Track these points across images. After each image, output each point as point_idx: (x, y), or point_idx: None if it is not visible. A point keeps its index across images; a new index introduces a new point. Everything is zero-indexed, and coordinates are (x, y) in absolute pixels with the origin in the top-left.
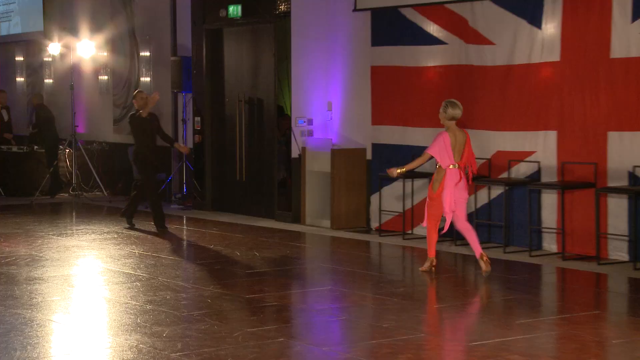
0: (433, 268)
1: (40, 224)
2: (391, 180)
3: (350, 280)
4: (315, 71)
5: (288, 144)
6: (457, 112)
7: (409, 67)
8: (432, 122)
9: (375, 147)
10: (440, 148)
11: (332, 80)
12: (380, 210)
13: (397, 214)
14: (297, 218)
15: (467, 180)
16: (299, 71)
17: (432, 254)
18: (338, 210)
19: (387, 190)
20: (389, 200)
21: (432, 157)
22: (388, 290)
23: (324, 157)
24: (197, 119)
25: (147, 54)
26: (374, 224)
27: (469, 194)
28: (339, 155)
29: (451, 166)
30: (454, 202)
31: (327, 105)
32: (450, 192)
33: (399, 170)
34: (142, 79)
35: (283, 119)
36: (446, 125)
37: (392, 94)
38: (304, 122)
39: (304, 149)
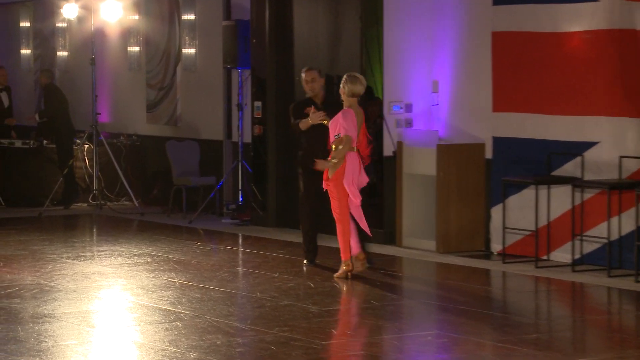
0: (349, 274)
1: (52, 244)
2: (520, 186)
3: (463, 323)
4: (416, 40)
5: (379, 137)
6: (358, 87)
7: (545, 34)
8: (577, 108)
9: (498, 141)
10: (353, 128)
11: (438, 52)
12: (504, 227)
13: (527, 233)
14: (392, 238)
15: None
16: (395, 40)
17: (346, 255)
18: (446, 228)
19: (514, 200)
20: (517, 214)
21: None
22: (515, 337)
23: (428, 156)
24: (258, 104)
25: (192, 17)
26: (496, 247)
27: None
28: (447, 152)
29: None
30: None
31: (431, 86)
32: (354, 178)
33: (329, 162)
34: (185, 50)
35: (372, 104)
36: (348, 103)
37: (520, 70)
38: (401, 108)
39: (400, 144)
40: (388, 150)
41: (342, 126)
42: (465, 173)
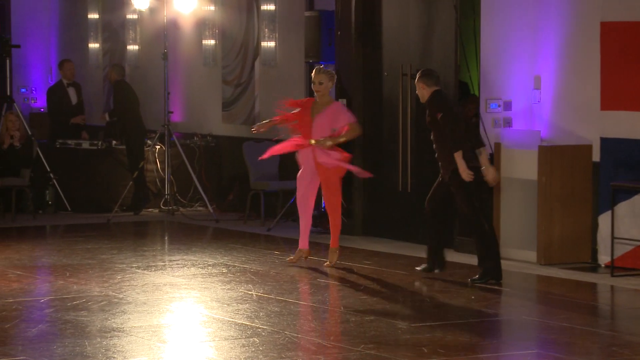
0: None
1: (120, 253)
2: (631, 192)
3: (568, 342)
4: (516, 32)
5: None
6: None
7: None
8: None
9: (607, 142)
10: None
11: (541, 45)
12: (612, 237)
13: (639, 243)
14: None
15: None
16: (493, 32)
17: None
18: (549, 237)
19: (624, 207)
20: (627, 222)
21: None
22: (625, 358)
23: (528, 158)
24: (343, 101)
25: (272, 7)
26: (604, 258)
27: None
28: (551, 154)
29: None
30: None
31: (533, 82)
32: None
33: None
34: (264, 43)
35: (468, 101)
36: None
37: (632, 64)
38: (499, 106)
39: (497, 145)
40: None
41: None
42: (570, 177)
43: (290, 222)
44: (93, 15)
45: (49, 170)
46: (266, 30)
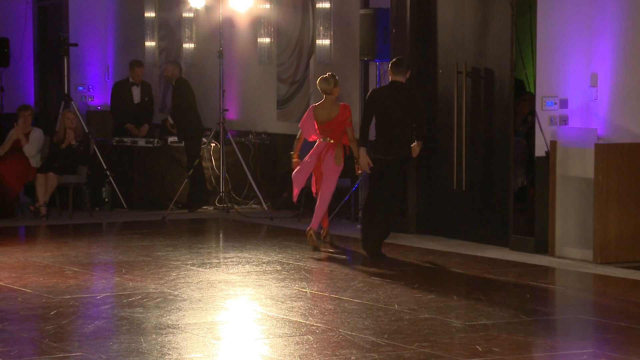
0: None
1: (176, 250)
2: None
3: (625, 342)
4: (573, 28)
5: (530, 136)
6: (322, 85)
7: None
8: None
9: None
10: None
11: (598, 42)
12: None
13: None
14: (543, 246)
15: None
16: (549, 29)
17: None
18: (605, 236)
19: None
20: None
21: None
22: None
23: (585, 157)
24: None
25: (327, 5)
26: None
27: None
28: (608, 153)
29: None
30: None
31: (590, 79)
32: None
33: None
34: (319, 41)
35: (523, 99)
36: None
37: None
38: (555, 103)
39: (553, 143)
40: (540, 150)
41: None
42: (627, 176)
43: (344, 220)
44: (149, 14)
45: (105, 167)
46: (321, 28)
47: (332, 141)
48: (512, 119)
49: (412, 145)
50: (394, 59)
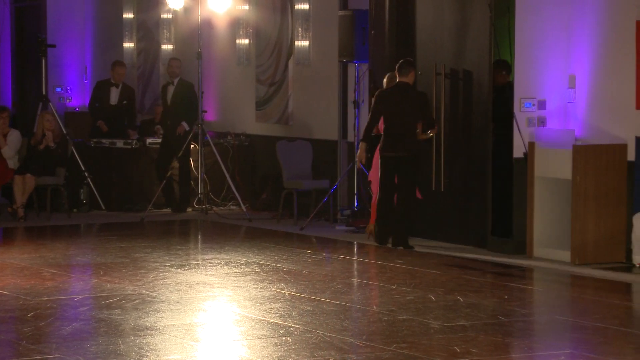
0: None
1: (154, 251)
2: None
3: (602, 342)
4: (551, 30)
5: (508, 137)
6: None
7: None
8: None
9: None
10: None
11: (577, 44)
12: None
13: None
14: (521, 247)
15: None
16: (528, 30)
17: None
18: (583, 237)
19: None
20: None
21: None
22: None
23: (563, 158)
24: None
25: (306, 7)
26: (638, 258)
27: None
28: (585, 154)
29: None
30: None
31: (568, 81)
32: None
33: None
34: (298, 43)
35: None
36: None
37: None
38: (533, 105)
39: (531, 144)
40: (518, 151)
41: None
42: (605, 177)
43: (323, 222)
44: (128, 15)
45: (83, 169)
46: (300, 29)
47: None
48: (490, 121)
49: (428, 133)
50: (400, 61)
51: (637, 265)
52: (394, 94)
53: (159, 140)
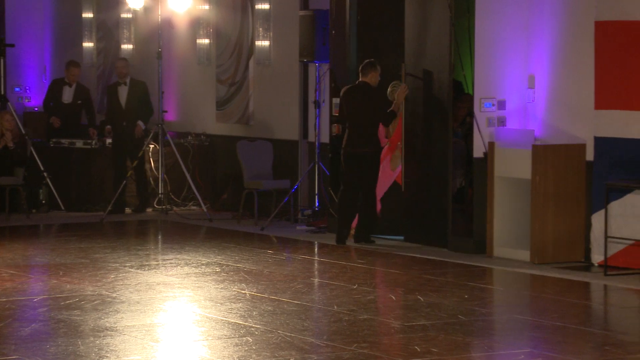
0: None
1: (114, 252)
2: (624, 191)
3: (560, 341)
4: (511, 31)
5: (469, 137)
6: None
7: None
8: None
9: (600, 142)
10: None
11: (536, 44)
12: (606, 236)
13: (631, 242)
14: (481, 247)
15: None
16: (487, 31)
17: None
18: (542, 237)
19: (617, 206)
20: (620, 221)
21: None
22: (617, 357)
23: (522, 158)
24: (336, 100)
25: (266, 6)
26: (597, 258)
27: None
28: (544, 154)
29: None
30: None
31: (527, 81)
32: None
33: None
34: (258, 42)
35: (461, 100)
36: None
37: (626, 63)
38: (493, 105)
39: (491, 144)
40: (478, 151)
41: None
42: (564, 177)
43: (284, 222)
44: (87, 15)
45: (42, 169)
46: (260, 29)
47: (389, 144)
48: (450, 121)
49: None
50: (364, 62)
51: (596, 265)
52: (353, 93)
53: (110, 140)
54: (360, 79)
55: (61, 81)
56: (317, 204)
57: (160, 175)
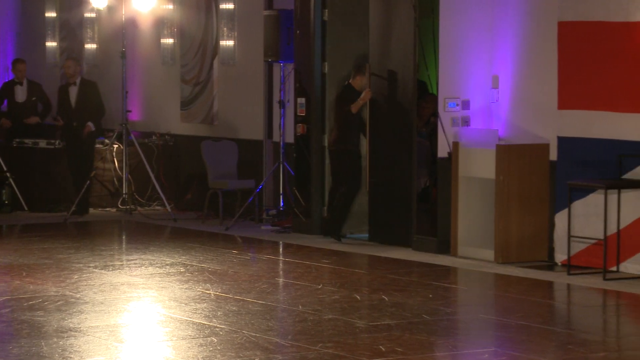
0: None
1: (78, 252)
2: (587, 191)
3: (524, 340)
4: (475, 31)
5: (433, 137)
6: None
7: (617, 23)
8: None
9: (564, 142)
10: None
11: (499, 45)
12: (569, 236)
13: (594, 241)
14: (446, 246)
15: None
16: (451, 31)
17: None
18: (506, 236)
19: (580, 206)
20: (584, 221)
21: None
22: (580, 356)
23: (486, 157)
24: (301, 100)
25: (230, 6)
26: (560, 257)
27: None
28: (508, 153)
29: None
30: None
31: (491, 81)
32: None
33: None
34: (223, 42)
35: (426, 100)
36: None
37: (589, 64)
38: (457, 105)
39: (455, 144)
40: (443, 151)
41: None
42: (528, 176)
43: (249, 222)
44: (50, 14)
45: (5, 169)
46: (225, 29)
47: None
48: (415, 120)
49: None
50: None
51: (560, 264)
52: (342, 95)
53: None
54: (350, 81)
55: (12, 82)
56: (281, 204)
57: (124, 175)
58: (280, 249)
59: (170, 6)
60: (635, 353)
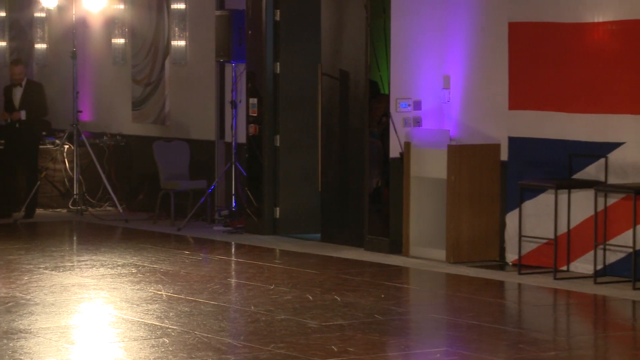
0: None
1: (28, 253)
2: (538, 191)
3: (475, 339)
4: (426, 31)
5: (385, 137)
6: None
7: (567, 24)
8: (601, 105)
9: (514, 142)
10: None
11: (450, 45)
12: (520, 236)
13: (545, 241)
14: (397, 246)
15: None
16: (403, 31)
17: None
18: (457, 236)
19: (531, 205)
20: (534, 221)
21: None
22: (531, 355)
23: (437, 157)
24: (253, 101)
25: (182, 6)
26: (511, 257)
27: None
28: (459, 154)
29: None
30: None
31: (442, 82)
32: None
33: None
34: (174, 42)
35: (377, 101)
36: None
37: (539, 64)
38: (409, 105)
39: (407, 144)
40: (394, 151)
41: None
42: (479, 176)
43: (201, 222)
44: (0, 13)
45: None
46: (176, 29)
47: None
48: (367, 121)
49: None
50: None
51: (510, 264)
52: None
53: None
54: None
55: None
56: (234, 204)
57: (75, 176)
58: (233, 250)
59: (121, 6)
60: (585, 352)
